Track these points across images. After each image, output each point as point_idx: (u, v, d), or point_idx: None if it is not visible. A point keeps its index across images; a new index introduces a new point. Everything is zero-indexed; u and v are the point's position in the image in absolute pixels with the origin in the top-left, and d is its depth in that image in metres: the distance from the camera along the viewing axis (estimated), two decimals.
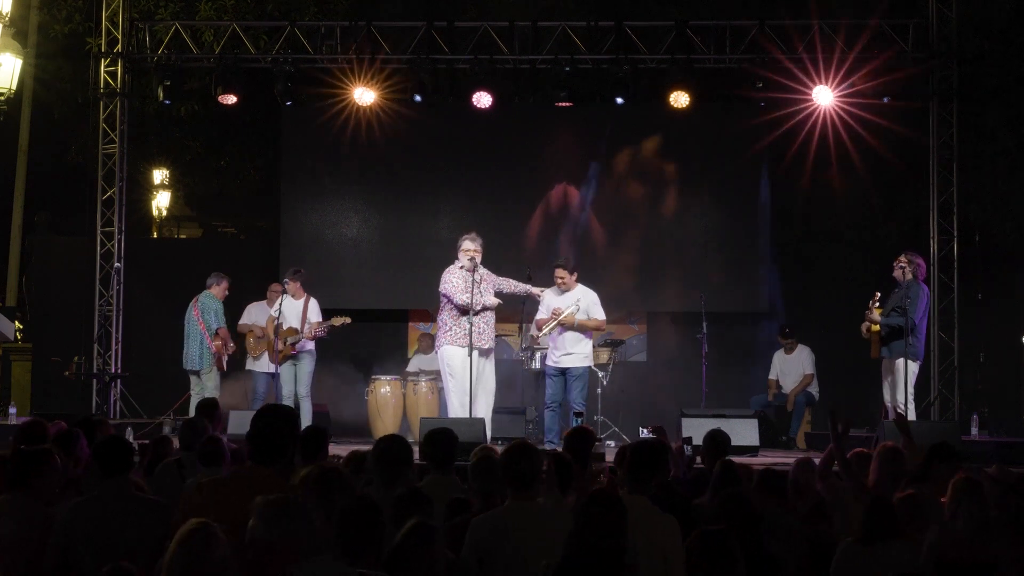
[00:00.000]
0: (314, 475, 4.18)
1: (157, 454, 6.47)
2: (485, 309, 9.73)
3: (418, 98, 12.01)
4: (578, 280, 10.17)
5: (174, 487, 5.59)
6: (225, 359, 10.98)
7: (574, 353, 10.01)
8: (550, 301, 10.09)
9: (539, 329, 10.15)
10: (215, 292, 11.02)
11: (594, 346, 11.47)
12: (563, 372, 10.04)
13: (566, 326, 9.93)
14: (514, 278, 10.32)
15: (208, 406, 7.53)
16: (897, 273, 9.83)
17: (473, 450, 5.01)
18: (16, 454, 4.92)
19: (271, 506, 3.37)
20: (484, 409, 9.74)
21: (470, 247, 9.79)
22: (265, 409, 4.24)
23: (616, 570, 3.75)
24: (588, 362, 10.15)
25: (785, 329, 12.23)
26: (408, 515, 3.85)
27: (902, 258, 9.84)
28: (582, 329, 10.02)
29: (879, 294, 9.88)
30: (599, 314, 10.09)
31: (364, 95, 11.95)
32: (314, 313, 10.80)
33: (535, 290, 10.05)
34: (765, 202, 12.95)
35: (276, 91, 11.96)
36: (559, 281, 10.08)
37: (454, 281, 9.82)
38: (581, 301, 9.95)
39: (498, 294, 10.00)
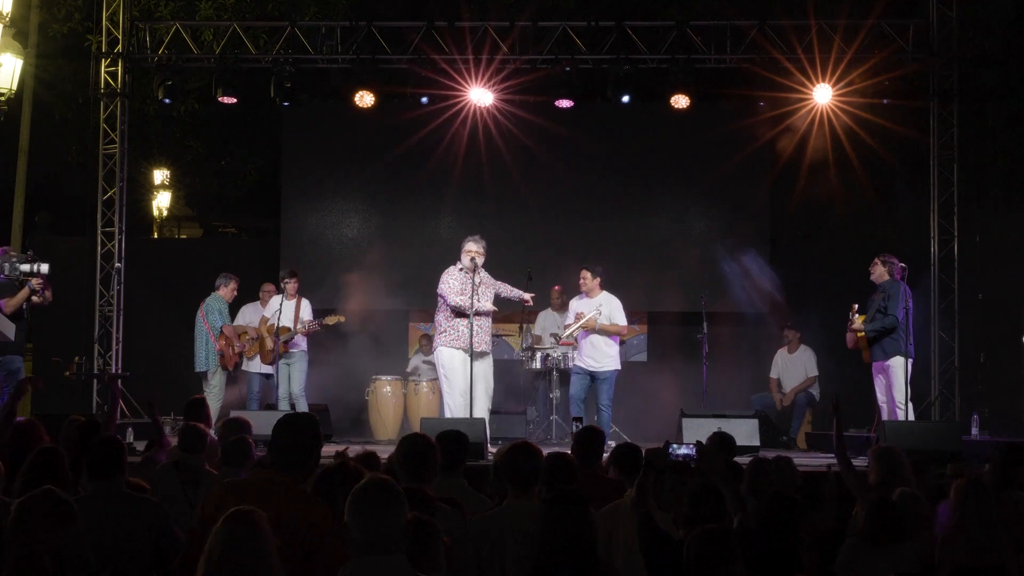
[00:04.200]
0: (319, 472, 4.19)
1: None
2: (480, 314, 9.72)
3: (425, 100, 12.05)
4: (602, 287, 10.62)
5: (172, 489, 5.59)
6: (233, 359, 10.98)
7: (603, 357, 10.48)
8: (575, 307, 10.64)
9: (564, 332, 10.75)
10: (222, 293, 11.05)
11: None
12: (591, 374, 10.49)
13: (588, 329, 10.41)
14: (515, 277, 10.37)
15: (195, 405, 7.54)
16: (874, 276, 9.95)
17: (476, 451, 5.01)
18: None
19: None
20: (482, 411, 9.74)
21: (472, 248, 9.80)
22: (288, 416, 4.25)
23: (587, 567, 3.75)
24: (615, 364, 10.58)
25: (788, 323, 12.26)
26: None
27: (876, 260, 9.95)
28: (604, 332, 10.45)
29: (856, 306, 9.93)
30: (621, 320, 10.55)
31: (365, 97, 11.95)
32: (306, 312, 10.93)
33: (527, 296, 10.11)
34: (765, 201, 12.97)
35: (274, 92, 11.95)
36: (581, 282, 10.61)
37: (450, 282, 9.83)
38: (603, 307, 10.46)
39: (496, 297, 10.02)
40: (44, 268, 9.45)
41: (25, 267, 9.41)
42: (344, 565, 3.44)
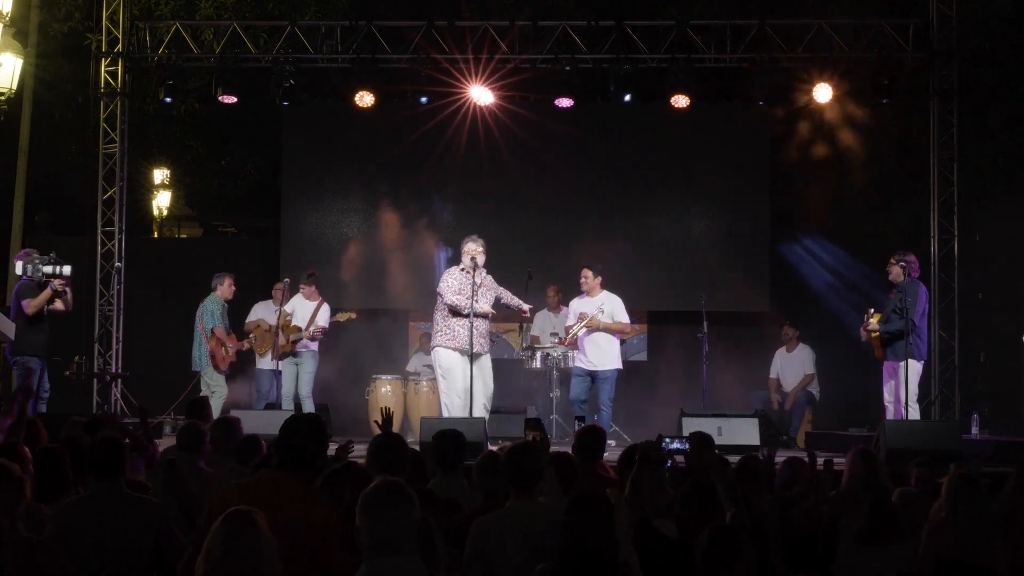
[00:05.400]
0: (325, 472, 4.20)
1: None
2: (477, 316, 9.71)
3: (424, 99, 12.07)
4: (602, 286, 10.65)
5: (159, 487, 5.59)
6: (226, 359, 10.92)
7: (604, 356, 10.51)
8: (577, 306, 10.65)
9: (567, 333, 10.74)
10: (219, 293, 11.01)
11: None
12: (591, 374, 10.50)
13: (592, 328, 10.45)
14: (515, 277, 10.38)
15: (197, 404, 7.52)
16: (893, 276, 9.84)
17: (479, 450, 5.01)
18: None
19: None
20: (480, 411, 9.73)
21: (472, 248, 9.81)
22: (294, 417, 4.26)
23: (610, 568, 3.74)
24: (617, 364, 10.60)
25: (786, 322, 12.28)
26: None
27: (893, 259, 9.85)
28: (607, 331, 10.49)
29: (872, 309, 9.93)
30: (623, 317, 10.61)
31: (365, 96, 11.95)
32: (323, 318, 10.87)
33: (526, 307, 10.12)
34: (765, 201, 12.97)
35: (274, 91, 11.95)
36: (583, 280, 10.64)
37: (449, 282, 9.84)
38: (605, 305, 10.52)
39: (496, 301, 10.01)
40: (67, 270, 9.55)
41: (48, 268, 9.50)
42: (359, 569, 3.43)
